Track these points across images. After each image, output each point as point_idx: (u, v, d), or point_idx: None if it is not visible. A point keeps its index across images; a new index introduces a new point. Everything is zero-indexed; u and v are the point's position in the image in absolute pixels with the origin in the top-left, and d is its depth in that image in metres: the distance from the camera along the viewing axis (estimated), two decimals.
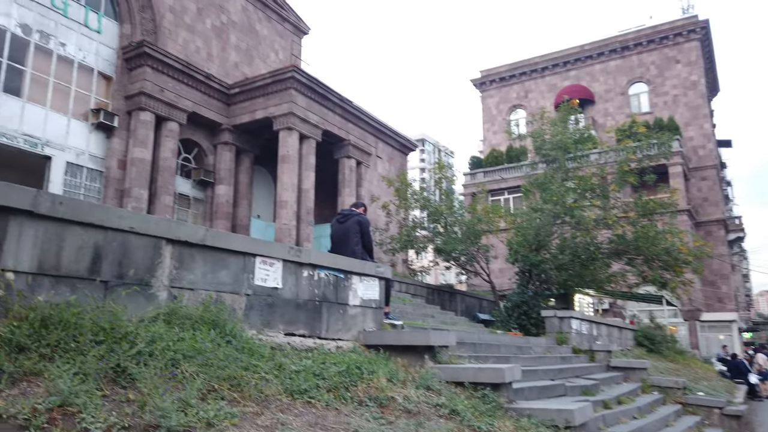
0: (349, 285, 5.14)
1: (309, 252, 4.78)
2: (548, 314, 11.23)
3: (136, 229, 3.29)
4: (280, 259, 4.38)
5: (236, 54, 23.75)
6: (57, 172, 16.67)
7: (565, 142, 18.02)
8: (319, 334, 4.70)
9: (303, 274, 4.64)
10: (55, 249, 2.91)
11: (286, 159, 19.88)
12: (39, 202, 2.83)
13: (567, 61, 40.69)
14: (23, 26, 16.44)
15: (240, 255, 4.03)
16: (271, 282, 4.28)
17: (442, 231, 20.63)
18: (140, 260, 3.34)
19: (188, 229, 3.66)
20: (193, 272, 3.67)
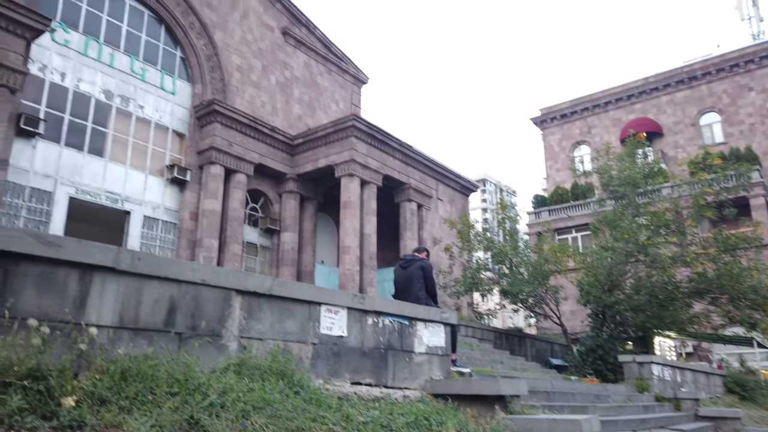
0: (414, 332, 5.07)
1: (373, 299, 4.77)
2: (626, 359, 10.61)
3: (207, 281, 3.41)
4: (345, 306, 4.40)
5: (299, 106, 24.74)
6: (135, 226, 17.66)
7: (633, 177, 17.41)
8: (385, 383, 4.63)
9: (367, 321, 4.63)
10: (134, 303, 3.06)
11: (348, 205, 20.22)
12: (120, 258, 3.00)
13: (631, 95, 39.73)
14: (106, 92, 17.86)
15: (305, 304, 4.08)
16: (337, 330, 4.28)
17: (507, 272, 20.17)
18: (211, 312, 3.44)
19: (256, 280, 3.76)
20: (261, 322, 3.74)
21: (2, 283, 2.60)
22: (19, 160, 15.33)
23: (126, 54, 18.72)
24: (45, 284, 2.73)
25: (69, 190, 16.25)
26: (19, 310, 2.61)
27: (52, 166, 16.05)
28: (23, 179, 15.38)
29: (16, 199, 15.13)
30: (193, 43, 20.67)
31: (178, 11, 20.38)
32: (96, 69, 17.72)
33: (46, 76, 16.42)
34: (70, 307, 2.80)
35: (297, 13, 25.45)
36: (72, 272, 2.85)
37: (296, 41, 25.27)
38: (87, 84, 17.41)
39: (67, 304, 2.80)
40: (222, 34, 21.82)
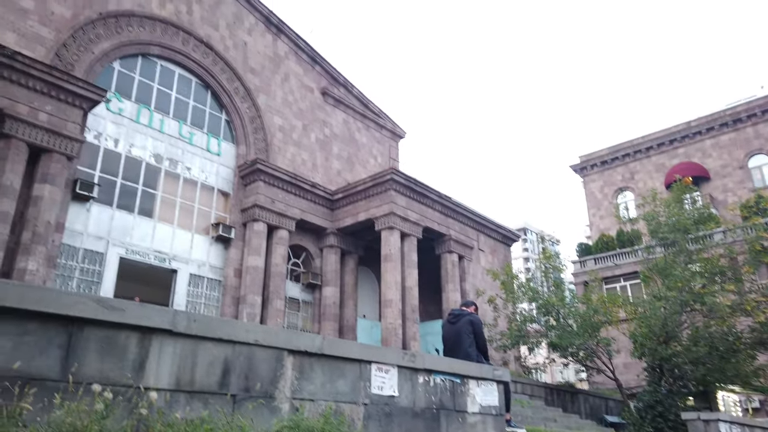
0: (466, 391, 4.91)
1: (423, 356, 4.67)
2: (690, 416, 9.97)
3: (260, 342, 3.41)
4: (395, 365, 4.31)
5: (338, 162, 25.27)
6: (182, 284, 18.03)
7: (683, 223, 16.88)
8: None
9: (419, 380, 4.51)
10: (190, 365, 3.07)
11: (389, 258, 20.20)
12: (177, 320, 3.04)
13: (673, 139, 39.10)
14: (156, 156, 18.70)
15: (356, 363, 4.02)
16: (388, 390, 4.19)
17: (555, 324, 19.52)
18: (264, 372, 3.42)
19: (307, 339, 3.74)
20: (312, 382, 3.69)
21: (67, 348, 2.66)
22: (74, 223, 16.02)
23: (175, 119, 19.66)
24: (107, 348, 2.79)
25: (119, 250, 16.82)
26: (82, 374, 2.66)
27: (105, 228, 16.70)
28: (77, 241, 16.02)
29: (70, 261, 15.72)
30: (238, 106, 21.59)
31: (223, 78, 21.43)
32: (147, 134, 18.64)
33: (101, 143, 17.34)
34: (130, 370, 2.84)
35: (335, 73, 26.40)
36: (132, 335, 2.90)
37: (335, 100, 26.09)
38: (138, 149, 18.29)
39: (128, 367, 2.84)
40: (264, 97, 22.75)
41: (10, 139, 14.21)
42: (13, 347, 2.49)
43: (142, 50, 19.18)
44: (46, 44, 16.57)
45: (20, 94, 14.51)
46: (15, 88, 14.48)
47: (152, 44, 19.42)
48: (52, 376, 2.59)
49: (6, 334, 2.49)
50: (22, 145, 14.36)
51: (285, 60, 24.36)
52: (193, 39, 20.67)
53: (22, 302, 2.53)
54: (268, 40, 23.89)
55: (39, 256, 14.02)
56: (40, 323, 2.61)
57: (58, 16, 16.92)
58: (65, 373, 2.60)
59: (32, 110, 14.73)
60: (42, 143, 14.69)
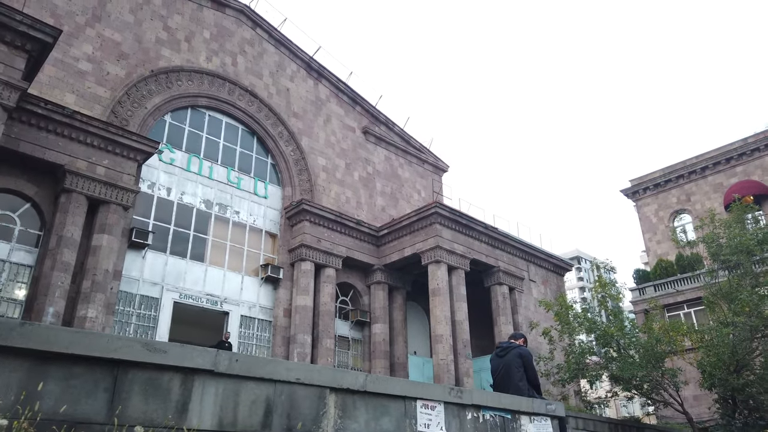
0: (518, 427, 4.71)
1: (471, 392, 4.52)
2: None
3: (302, 380, 3.39)
4: (441, 401, 4.19)
5: (382, 199, 25.45)
6: (233, 325, 18.32)
7: (746, 244, 16.00)
8: None
9: (467, 416, 4.36)
10: (232, 405, 3.08)
11: (437, 292, 19.97)
12: (219, 361, 3.07)
13: (730, 158, 37.57)
14: (206, 202, 19.34)
15: (400, 399, 3.93)
16: (435, 427, 4.06)
17: (615, 356, 18.62)
18: (306, 411, 3.38)
19: (350, 377, 3.70)
20: (356, 421, 3.62)
21: (112, 391, 2.72)
22: (131, 270, 16.64)
23: (223, 166, 20.37)
24: (150, 390, 2.83)
25: (174, 295, 17.30)
26: (127, 416, 2.70)
27: (159, 273, 17.26)
28: (133, 288, 16.58)
29: (127, 307, 16.27)
30: (282, 150, 22.20)
31: (268, 123, 22.15)
32: (197, 182, 19.35)
33: (155, 192, 18.10)
34: (173, 411, 2.87)
35: (375, 112, 26.87)
36: (175, 377, 2.94)
37: (376, 138, 26.49)
38: (189, 196, 18.98)
39: (170, 408, 2.87)
40: (308, 139, 23.33)
41: (70, 193, 15.01)
42: (62, 391, 2.57)
43: (191, 102, 20.11)
44: (103, 103, 17.61)
45: (79, 150, 15.38)
46: (74, 146, 15.37)
47: (200, 96, 20.35)
48: (98, 419, 2.64)
49: (55, 378, 2.56)
50: (81, 199, 15.13)
51: (326, 103, 25.01)
52: (238, 89, 21.56)
53: (71, 347, 2.61)
54: (310, 85, 24.64)
55: (98, 304, 14.56)
56: (86, 367, 2.68)
57: (112, 75, 18.01)
58: (111, 416, 2.65)
59: (90, 165, 15.55)
60: (100, 195, 15.43)
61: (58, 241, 14.55)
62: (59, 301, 13.92)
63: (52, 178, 15.39)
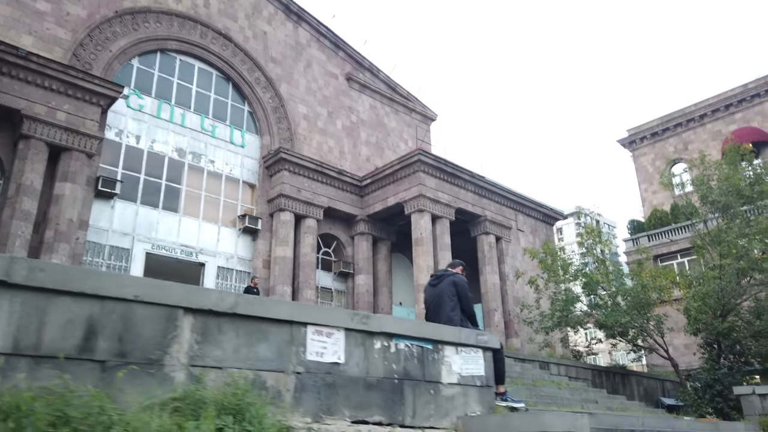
0: (440, 358, 4.18)
1: (381, 318, 3.97)
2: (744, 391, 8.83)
3: (142, 298, 2.82)
4: (342, 327, 3.64)
5: (366, 149, 24.68)
6: (210, 277, 17.91)
7: (736, 185, 15.35)
8: (402, 422, 3.76)
9: (375, 345, 3.82)
10: (36, 324, 2.51)
11: (420, 241, 19.46)
12: (14, 269, 2.49)
13: (729, 105, 36.45)
14: (179, 150, 18.63)
15: (285, 324, 3.38)
16: (330, 356, 3.52)
17: (601, 303, 18.27)
18: (148, 334, 2.83)
19: (213, 296, 3.13)
20: (221, 347, 3.08)
21: None
22: (99, 220, 16.09)
23: (196, 113, 19.55)
24: None
25: (145, 246, 16.81)
26: None
27: (130, 224, 16.72)
28: (102, 238, 16.08)
29: (96, 258, 15.80)
30: (260, 97, 21.31)
31: (244, 69, 21.19)
32: (168, 129, 18.59)
33: (123, 140, 17.37)
34: None
35: (359, 58, 25.79)
36: None
37: (360, 86, 25.50)
38: (160, 144, 18.25)
39: None
40: (287, 86, 22.40)
41: (29, 140, 14.32)
42: None
43: (160, 46, 19.14)
44: (63, 45, 16.70)
45: (37, 94, 14.61)
46: (32, 89, 14.59)
47: (170, 39, 19.35)
48: None
49: None
50: (41, 145, 14.45)
51: (307, 47, 23.93)
52: (211, 32, 20.51)
53: None
54: (289, 29, 23.52)
55: (62, 254, 14.07)
56: None
57: (73, 16, 17.03)
58: None
59: (50, 110, 14.81)
60: (61, 142, 14.75)
61: (17, 189, 13.96)
62: (20, 251, 13.41)
63: (10, 124, 14.67)
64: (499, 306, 20.86)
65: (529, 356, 16.75)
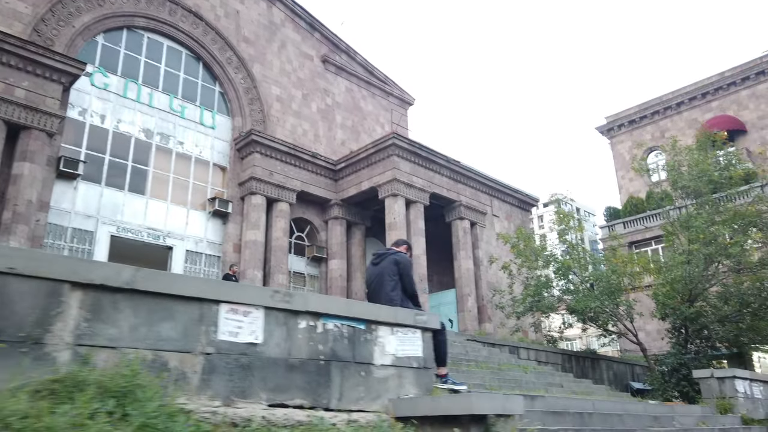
0: (373, 339, 3.99)
1: (306, 297, 3.75)
2: (703, 375, 8.83)
3: (19, 270, 2.58)
4: (260, 306, 3.42)
5: (342, 132, 24.34)
6: (178, 261, 17.54)
7: (705, 170, 15.37)
8: (327, 405, 3.56)
9: (299, 325, 3.61)
10: None
11: (394, 226, 19.27)
12: None
13: (706, 93, 36.68)
14: (146, 131, 18.13)
15: (195, 302, 3.15)
16: (246, 336, 3.31)
17: (572, 288, 18.30)
18: (25, 310, 2.58)
19: (107, 270, 2.89)
20: (115, 325, 2.84)
21: None
22: (61, 202, 15.61)
23: (165, 93, 19.03)
24: None
25: (110, 228, 16.38)
26: None
27: (93, 206, 16.26)
28: (65, 220, 15.62)
29: (57, 241, 15.34)
30: (231, 77, 20.82)
31: (215, 48, 20.65)
32: (135, 109, 18.06)
33: (86, 119, 16.84)
34: None
35: (336, 40, 25.34)
36: None
37: (336, 68, 25.08)
38: (127, 124, 17.74)
39: None
40: (260, 67, 21.91)
41: None
42: None
43: (126, 23, 18.54)
44: (24, 20, 16.08)
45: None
46: None
47: (137, 16, 18.75)
48: None
49: None
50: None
51: (281, 28, 23.42)
52: (181, 9, 19.93)
53: None
54: (263, 8, 22.97)
55: (21, 236, 13.63)
56: None
57: None
58: None
59: (8, 86, 14.28)
60: (20, 120, 14.24)
61: None
62: None
63: None
64: (472, 291, 20.82)
65: (499, 341, 16.73)
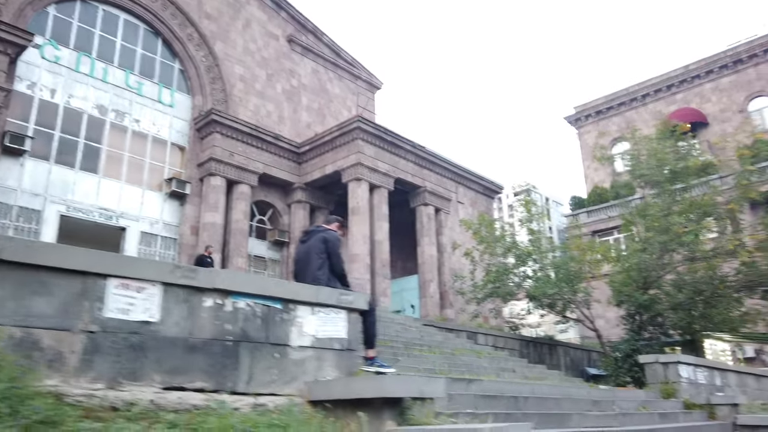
0: (291, 319, 3.78)
1: (213, 273, 3.53)
2: (648, 360, 8.90)
3: None
4: (158, 282, 3.18)
5: (308, 114, 23.92)
6: (131, 242, 17.03)
7: (664, 159, 15.53)
8: (233, 388, 3.36)
9: (204, 303, 3.39)
10: None
11: (356, 210, 19.05)
12: None
13: (671, 85, 37.25)
14: (99, 107, 17.45)
15: (76, 276, 2.90)
16: (139, 314, 3.07)
17: (531, 275, 18.39)
18: None
19: None
20: None
21: None
22: (6, 179, 14.95)
23: (120, 68, 18.34)
24: None
25: (59, 207, 15.76)
26: None
27: (41, 184, 15.62)
28: (10, 198, 14.96)
29: (2, 219, 14.70)
30: (192, 54, 20.19)
31: (174, 24, 19.97)
32: (88, 84, 17.37)
33: (35, 94, 16.11)
34: None
35: (302, 20, 24.80)
36: None
37: (303, 49, 24.57)
38: (79, 100, 17.05)
39: None
40: (223, 45, 21.29)
41: None
42: None
43: None
44: None
45: None
46: None
47: None
48: None
49: None
50: None
51: (246, 5, 22.78)
52: None
53: None
54: None
55: None
56: None
57: None
58: None
59: None
60: None
61: None
62: None
63: None
64: (435, 277, 20.80)
65: (458, 326, 16.74)
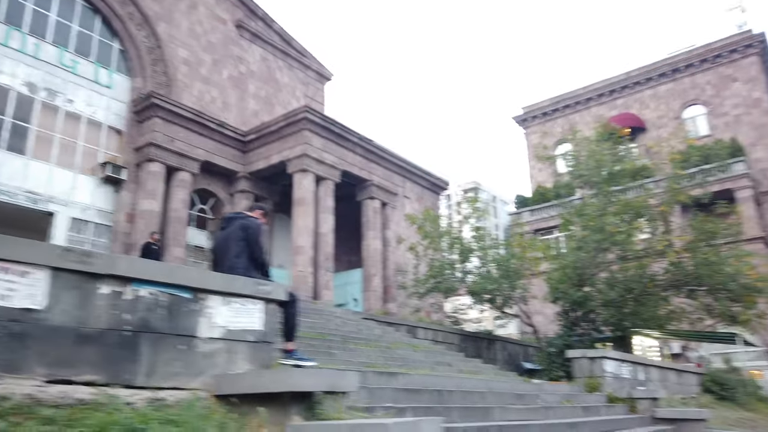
0: (200, 309, 3.63)
1: (114, 259, 3.33)
2: (575, 355, 9.17)
3: None
4: (45, 266, 2.97)
5: (255, 102, 23.42)
6: (60, 228, 16.21)
7: (600, 160, 16.03)
8: (130, 381, 3.18)
9: (100, 290, 3.19)
10: None
11: (301, 202, 18.82)
12: None
13: (613, 90, 38.62)
14: (29, 84, 16.50)
15: None
16: (21, 301, 2.86)
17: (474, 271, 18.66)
18: None
19: None
20: None
21: None
22: None
23: (54, 45, 17.40)
24: None
25: None
26: None
27: None
28: None
29: None
30: (132, 34, 19.37)
31: (115, 1, 19.09)
32: (18, 60, 16.39)
33: None
34: None
35: (252, 6, 24.24)
36: None
37: (252, 35, 24.02)
38: (6, 76, 16.07)
39: None
40: (166, 26, 20.53)
41: None
42: None
43: None
44: None
45: None
46: None
47: None
48: None
49: None
50: None
51: None
52: None
53: None
54: None
55: None
56: None
57: None
58: None
59: None
60: None
61: None
62: None
63: None
64: (379, 271, 20.83)
65: (398, 320, 16.80)
